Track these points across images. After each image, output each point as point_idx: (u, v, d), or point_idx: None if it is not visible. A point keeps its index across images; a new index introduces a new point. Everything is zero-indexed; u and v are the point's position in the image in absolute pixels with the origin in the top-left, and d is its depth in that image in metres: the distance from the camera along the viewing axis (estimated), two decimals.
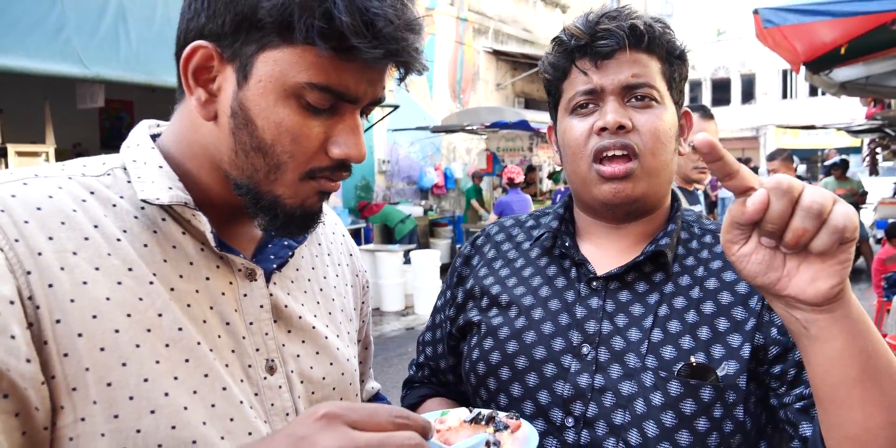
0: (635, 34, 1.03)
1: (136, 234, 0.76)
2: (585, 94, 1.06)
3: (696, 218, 1.18)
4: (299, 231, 0.83)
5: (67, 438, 0.67)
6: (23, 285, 0.65)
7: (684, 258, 1.09)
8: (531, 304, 1.12)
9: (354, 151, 0.78)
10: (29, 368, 0.64)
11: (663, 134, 1.05)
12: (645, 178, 1.04)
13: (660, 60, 1.07)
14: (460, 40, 12.75)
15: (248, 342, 0.82)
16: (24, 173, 0.74)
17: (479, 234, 1.32)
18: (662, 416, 0.96)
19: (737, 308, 1.01)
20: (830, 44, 4.74)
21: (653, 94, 1.04)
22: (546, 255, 1.18)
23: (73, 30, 4.01)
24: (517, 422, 0.80)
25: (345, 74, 0.74)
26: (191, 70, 0.76)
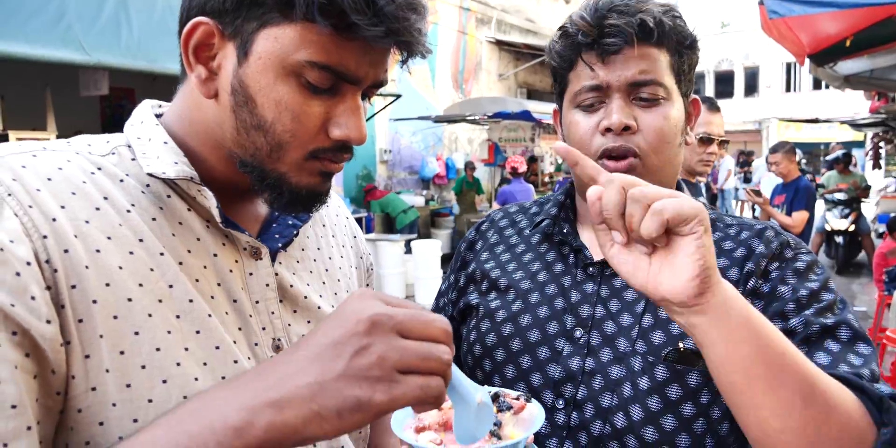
0: (644, 30, 1.01)
1: (145, 208, 0.76)
2: (591, 90, 1.05)
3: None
4: (304, 209, 0.83)
5: (76, 410, 0.66)
6: (39, 249, 0.65)
7: None
8: (528, 288, 1.13)
9: (355, 133, 0.77)
10: (49, 329, 0.64)
11: (668, 132, 1.04)
12: (647, 176, 1.01)
13: (669, 53, 1.04)
14: (463, 30, 12.69)
15: (255, 320, 0.83)
16: (33, 146, 0.75)
17: (483, 220, 1.33)
18: (648, 400, 0.97)
19: None
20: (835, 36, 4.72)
21: (659, 91, 1.03)
22: (546, 241, 1.19)
23: (74, 16, 3.99)
24: (521, 403, 0.79)
25: (345, 54, 0.73)
26: (191, 47, 0.76)
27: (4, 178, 0.68)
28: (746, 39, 27.75)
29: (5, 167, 0.69)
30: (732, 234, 1.09)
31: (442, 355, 0.60)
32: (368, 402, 0.57)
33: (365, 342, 0.58)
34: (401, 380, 0.58)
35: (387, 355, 0.57)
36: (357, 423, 0.57)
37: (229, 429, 0.56)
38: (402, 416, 0.81)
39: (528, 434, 0.75)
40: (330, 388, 0.57)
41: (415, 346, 0.59)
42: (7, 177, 0.68)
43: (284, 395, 0.57)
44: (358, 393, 0.57)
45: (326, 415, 0.56)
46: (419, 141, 12.13)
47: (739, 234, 1.08)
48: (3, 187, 0.67)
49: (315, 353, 0.59)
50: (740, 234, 1.08)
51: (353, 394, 0.57)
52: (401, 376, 0.58)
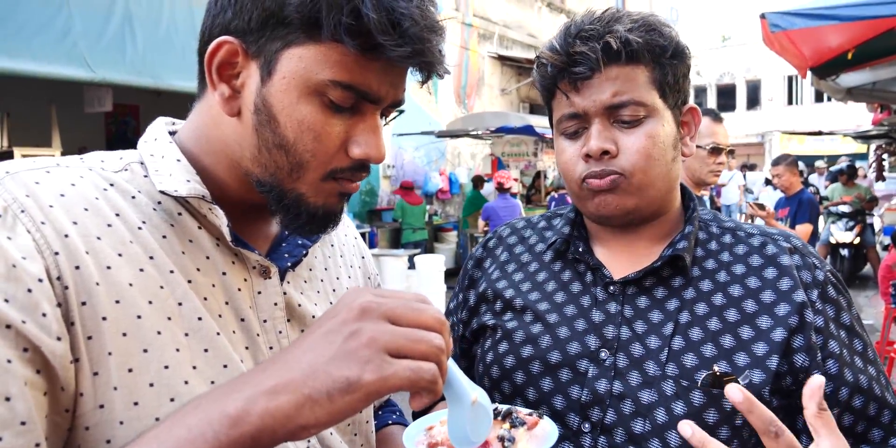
0: (610, 53, 0.98)
1: (156, 225, 0.76)
2: (571, 119, 1.04)
3: (713, 217, 1.15)
4: (319, 230, 0.83)
5: (83, 428, 0.66)
6: (51, 265, 0.65)
7: (704, 261, 1.06)
8: (546, 309, 1.10)
9: (375, 152, 0.78)
10: (60, 346, 0.63)
11: (655, 150, 1.01)
12: (636, 193, 1.02)
13: (647, 68, 1.01)
14: (465, 45, 12.77)
15: (262, 340, 0.82)
16: (46, 162, 0.75)
17: (490, 236, 1.30)
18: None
19: (762, 317, 0.99)
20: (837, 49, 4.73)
21: (639, 111, 1.00)
22: (560, 259, 1.16)
23: (79, 33, 4.02)
24: (534, 419, 0.78)
25: (368, 74, 0.74)
26: (215, 65, 0.76)
27: (18, 195, 0.68)
28: (748, 53, 27.86)
29: (19, 183, 0.69)
30: (756, 245, 1.07)
31: (433, 340, 0.60)
32: (358, 381, 0.57)
33: (355, 327, 0.59)
34: (391, 361, 0.58)
35: (376, 336, 0.58)
36: (349, 406, 0.58)
37: (225, 418, 0.57)
38: (414, 432, 0.80)
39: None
40: (320, 370, 0.58)
41: (405, 330, 0.60)
42: (21, 193, 0.68)
43: (278, 383, 0.58)
44: (347, 373, 0.57)
45: (317, 397, 0.57)
46: (422, 156, 12.16)
47: (765, 248, 1.06)
48: (17, 204, 0.67)
49: (309, 343, 0.61)
50: (765, 248, 1.06)
51: (343, 374, 0.57)
52: (391, 358, 0.58)
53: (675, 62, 1.04)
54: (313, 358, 0.59)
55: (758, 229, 1.10)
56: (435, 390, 0.60)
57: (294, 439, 0.59)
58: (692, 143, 1.12)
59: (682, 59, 1.05)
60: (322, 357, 0.58)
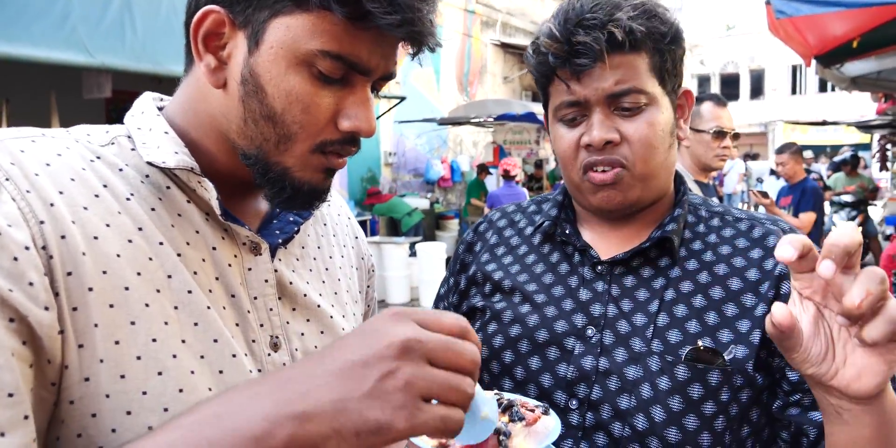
0: (614, 43, 0.97)
1: (144, 198, 0.75)
2: (570, 106, 1.03)
3: (702, 201, 1.16)
4: (304, 206, 0.82)
5: (68, 402, 0.65)
6: (36, 234, 0.64)
7: (691, 242, 1.08)
8: (534, 289, 1.11)
9: (365, 125, 0.77)
10: (47, 316, 0.62)
11: (655, 138, 1.01)
12: (637, 185, 1.03)
13: (648, 55, 1.00)
14: (468, 33, 12.69)
15: (253, 317, 0.81)
16: (31, 131, 0.74)
17: (481, 221, 1.31)
18: (669, 401, 0.96)
19: (746, 295, 1.00)
20: (842, 37, 4.68)
21: (640, 99, 1.00)
22: (548, 241, 1.17)
23: (78, 18, 3.99)
24: (536, 415, 0.76)
25: (358, 44, 0.73)
26: (201, 36, 0.75)
27: (3, 163, 0.66)
28: (752, 42, 27.69)
29: (4, 151, 0.68)
30: (744, 229, 1.08)
31: (467, 389, 0.59)
32: (388, 426, 0.55)
33: (393, 366, 0.56)
34: (424, 408, 0.56)
35: (413, 382, 0.56)
36: (375, 446, 0.56)
37: (249, 438, 0.54)
38: None
39: (540, 447, 0.71)
40: (353, 408, 0.55)
41: (443, 376, 0.58)
42: (6, 161, 0.67)
43: (307, 410, 0.55)
44: (379, 416, 0.55)
45: (346, 434, 0.55)
46: (424, 143, 12.12)
47: (752, 231, 1.07)
48: (2, 172, 0.65)
49: (341, 369, 0.57)
50: (752, 231, 1.07)
51: (375, 417, 0.55)
52: (424, 404, 0.56)
53: (673, 47, 1.03)
54: (346, 391, 0.56)
55: (746, 214, 1.11)
56: (453, 435, 0.59)
57: None
58: (686, 127, 1.12)
59: (680, 43, 1.05)
60: (356, 391, 0.56)
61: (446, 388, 0.57)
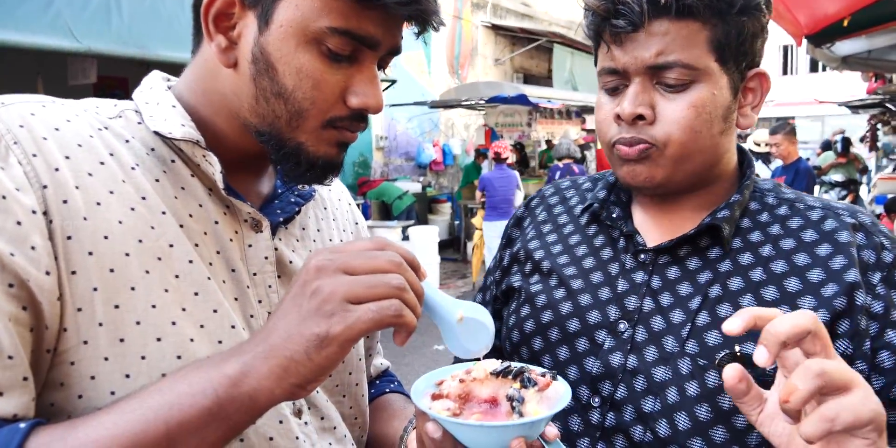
0: (657, 5, 0.86)
1: (149, 168, 0.76)
2: (610, 74, 0.94)
3: (773, 186, 1.04)
4: (319, 179, 0.84)
5: (69, 363, 0.66)
6: (39, 198, 0.65)
7: (749, 232, 0.97)
8: (572, 274, 1.06)
9: (373, 101, 0.79)
10: (48, 280, 0.64)
11: (697, 121, 0.90)
12: (668, 164, 0.93)
13: (706, 25, 0.88)
14: (458, 15, 12.58)
15: (252, 293, 0.82)
16: (42, 97, 0.75)
17: (534, 196, 1.25)
18: (696, 409, 0.88)
19: (804, 298, 0.89)
20: (833, 15, 4.67)
21: (686, 74, 0.88)
22: (595, 222, 1.09)
23: (63, 2, 3.94)
24: (547, 380, 0.76)
25: (365, 21, 0.75)
26: (211, 16, 0.76)
27: (12, 126, 0.68)
28: None
29: (14, 114, 0.69)
30: (815, 219, 0.96)
31: (390, 281, 0.63)
32: (327, 335, 0.61)
33: (315, 286, 0.63)
34: (353, 308, 0.61)
35: (334, 289, 0.62)
36: (329, 359, 0.62)
37: (225, 378, 0.61)
38: (423, 385, 0.79)
39: (552, 412, 0.72)
40: (295, 332, 0.62)
41: (361, 278, 0.63)
42: (15, 124, 0.68)
43: (265, 348, 0.62)
44: (316, 330, 0.61)
45: (299, 358, 0.61)
46: (415, 127, 12.07)
47: (823, 222, 0.95)
48: (11, 135, 0.67)
49: (284, 308, 0.64)
50: (824, 223, 0.95)
51: (313, 332, 0.61)
52: (352, 306, 0.61)
53: (743, 18, 0.89)
54: (287, 322, 0.63)
55: (821, 202, 0.98)
56: (403, 323, 0.64)
57: (293, 398, 0.63)
58: (754, 114, 0.98)
59: (755, 14, 0.90)
60: (294, 320, 0.62)
61: (369, 286, 0.62)
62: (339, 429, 0.91)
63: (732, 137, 0.98)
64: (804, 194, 1.02)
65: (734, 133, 0.98)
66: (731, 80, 0.92)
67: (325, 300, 0.61)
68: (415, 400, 0.75)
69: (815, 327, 0.62)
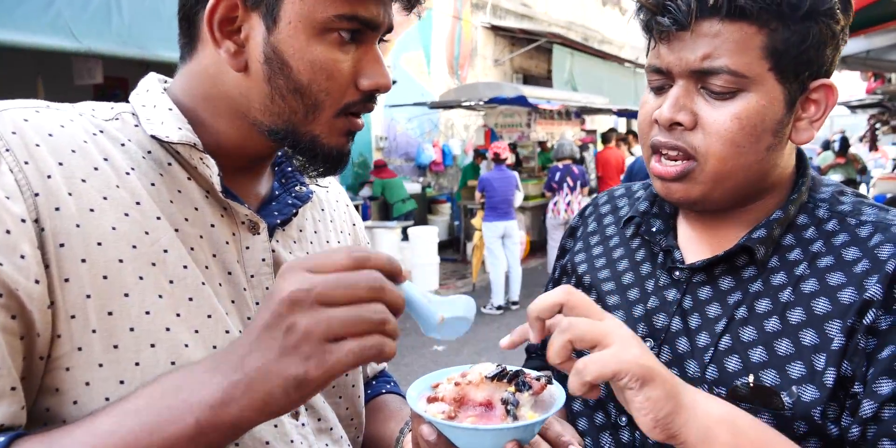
0: (706, 4, 0.81)
1: (145, 172, 0.76)
2: (655, 73, 0.90)
3: (831, 196, 0.94)
4: (334, 170, 0.85)
5: (64, 369, 0.66)
6: (30, 206, 0.65)
7: (790, 250, 0.90)
8: (610, 289, 1.04)
9: (382, 80, 0.81)
10: (37, 289, 0.64)
11: (741, 134, 0.83)
12: (707, 182, 0.87)
13: (762, 29, 0.81)
14: (458, 15, 12.59)
15: (249, 295, 0.83)
16: (37, 102, 0.75)
17: (589, 203, 1.23)
18: None
19: (833, 321, 0.82)
20: None
21: (733, 82, 0.82)
22: (639, 235, 1.06)
23: (63, 2, 3.94)
24: (541, 383, 0.76)
25: (366, 3, 0.77)
26: (216, 22, 0.77)
27: (5, 132, 0.68)
28: None
29: (7, 120, 0.69)
30: (863, 236, 0.87)
31: (372, 316, 0.59)
32: (305, 378, 0.58)
33: (290, 321, 0.58)
34: (332, 349, 0.58)
35: (311, 329, 0.58)
36: (306, 397, 0.60)
37: (203, 404, 0.59)
38: (419, 388, 0.80)
39: (546, 416, 0.73)
40: (273, 370, 0.59)
41: (340, 313, 0.59)
42: (8, 130, 0.68)
43: (243, 379, 0.59)
44: (293, 371, 0.58)
45: (278, 395, 0.59)
46: (415, 127, 12.07)
47: (871, 238, 0.86)
48: (2, 142, 0.67)
49: (255, 336, 0.60)
50: (871, 238, 0.86)
51: (290, 373, 0.58)
52: (332, 346, 0.59)
53: (809, 24, 0.81)
54: (262, 357, 0.59)
55: (877, 215, 0.89)
56: (384, 357, 0.61)
57: (273, 418, 0.62)
58: (813, 129, 0.89)
59: (824, 19, 0.81)
60: (270, 354, 0.59)
61: (348, 323, 0.58)
62: (335, 430, 0.91)
63: (783, 152, 0.90)
64: (866, 205, 0.92)
65: (786, 148, 0.90)
66: (788, 92, 0.85)
67: (302, 339, 0.58)
68: (410, 403, 0.76)
69: (565, 298, 0.71)
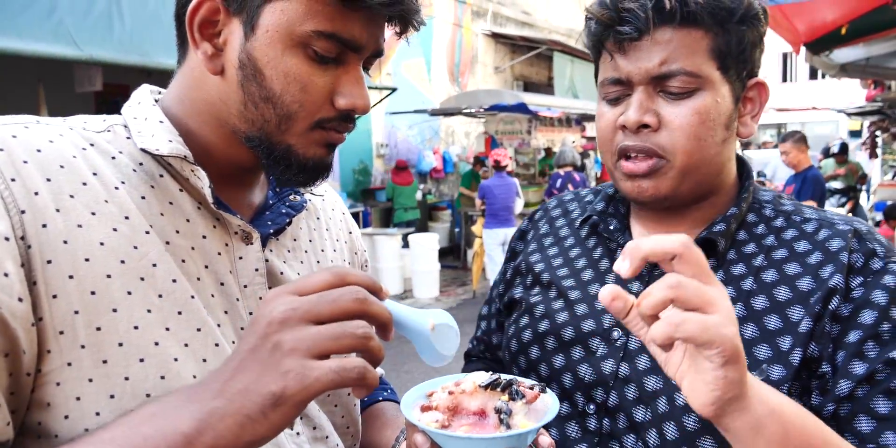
0: (662, 12, 0.88)
1: (135, 186, 0.76)
2: (614, 84, 0.95)
3: (773, 198, 1.04)
4: (311, 181, 0.84)
5: (54, 383, 0.66)
6: (16, 224, 0.65)
7: (744, 244, 0.98)
8: (571, 285, 1.07)
9: (360, 102, 0.80)
10: (21, 307, 0.63)
11: (702, 128, 0.90)
12: (676, 177, 0.93)
13: (707, 33, 0.89)
14: (459, 23, 12.64)
15: (242, 305, 0.82)
16: (26, 118, 0.75)
17: (538, 208, 1.27)
18: (685, 419, 0.88)
19: (794, 307, 0.89)
20: (831, 24, 4.69)
21: (690, 83, 0.90)
22: (594, 234, 1.11)
23: (65, 10, 3.95)
24: (535, 392, 0.77)
25: (350, 23, 0.76)
26: (196, 24, 0.77)
27: None
28: None
29: None
30: (809, 231, 0.96)
31: (355, 330, 0.61)
32: (282, 394, 0.58)
33: (276, 339, 0.60)
34: (314, 366, 0.59)
35: (296, 345, 0.59)
36: (283, 418, 0.59)
37: (179, 435, 0.58)
38: (413, 396, 0.80)
39: (540, 424, 0.72)
40: (253, 389, 0.59)
41: (325, 329, 0.60)
42: None
43: (222, 405, 0.59)
44: (272, 388, 0.58)
45: (255, 416, 0.58)
46: (416, 134, 12.09)
47: (817, 233, 0.95)
48: None
49: (239, 360, 0.61)
50: (818, 233, 0.95)
51: (269, 389, 0.58)
52: (313, 362, 0.59)
53: (742, 28, 0.91)
54: (245, 378, 0.60)
55: (818, 214, 0.99)
56: (366, 385, 0.61)
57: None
58: (753, 124, 0.99)
59: (753, 24, 0.92)
60: (252, 375, 0.60)
61: (332, 338, 0.59)
62: (331, 438, 0.91)
63: (733, 146, 0.99)
64: (804, 206, 1.02)
65: (735, 142, 0.99)
66: (733, 89, 0.94)
67: (286, 355, 0.59)
68: (404, 412, 0.76)
69: (683, 250, 0.63)
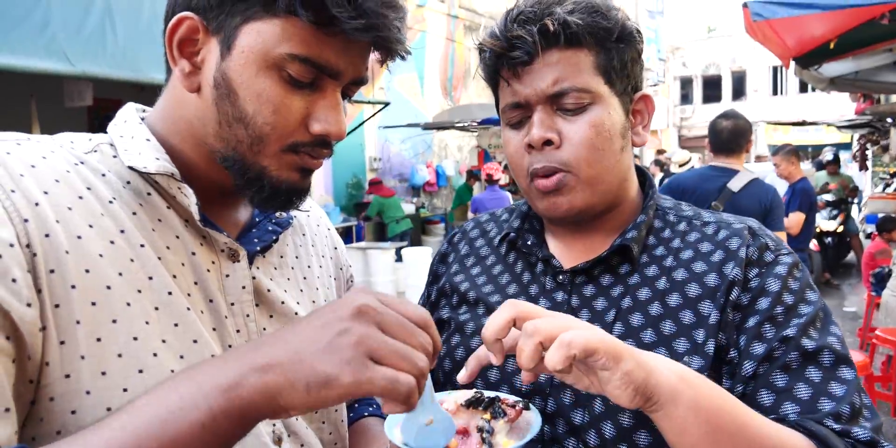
0: (547, 36, 0.94)
1: (126, 202, 0.76)
2: (514, 109, 1.01)
3: (673, 205, 1.12)
4: (285, 205, 0.83)
5: (48, 398, 0.65)
6: (21, 232, 0.65)
7: (654, 248, 1.04)
8: (497, 301, 1.09)
9: (335, 128, 0.79)
10: (30, 312, 0.63)
11: (599, 139, 0.97)
12: (585, 189, 0.99)
13: (590, 52, 0.97)
14: (451, 37, 12.73)
15: (230, 322, 0.82)
16: (17, 135, 0.76)
17: (456, 231, 1.30)
18: (620, 417, 0.92)
19: (704, 301, 0.96)
20: (820, 38, 4.75)
21: (582, 98, 0.96)
22: (513, 250, 1.15)
23: (58, 25, 3.96)
24: (517, 410, 0.77)
25: (326, 48, 0.75)
26: (176, 41, 0.77)
27: None
28: (733, 44, 27.93)
29: None
30: (710, 233, 1.04)
31: (418, 361, 0.60)
32: (336, 379, 0.58)
33: (348, 325, 0.60)
34: (371, 366, 0.59)
35: (363, 341, 0.59)
36: (323, 400, 0.58)
37: (216, 388, 0.58)
38: (396, 417, 0.79)
39: (522, 442, 0.72)
40: (307, 360, 0.58)
41: (393, 342, 0.60)
42: None
43: (268, 361, 0.59)
44: (328, 369, 0.58)
45: (297, 385, 0.58)
46: (409, 148, 12.13)
47: (717, 234, 1.03)
48: None
49: (303, 329, 0.61)
50: (718, 234, 1.03)
51: (324, 369, 0.58)
52: (372, 363, 0.59)
53: (621, 46, 0.99)
54: (302, 345, 0.59)
55: (716, 217, 1.07)
56: (409, 404, 0.60)
57: (273, 418, 0.60)
58: (645, 133, 1.07)
59: (630, 42, 1.01)
60: (310, 347, 0.59)
61: (395, 353, 0.60)
62: None
63: (631, 155, 1.06)
64: (702, 211, 1.11)
65: (631, 151, 1.06)
66: (622, 102, 1.01)
67: (351, 344, 0.58)
68: (387, 431, 0.75)
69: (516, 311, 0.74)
